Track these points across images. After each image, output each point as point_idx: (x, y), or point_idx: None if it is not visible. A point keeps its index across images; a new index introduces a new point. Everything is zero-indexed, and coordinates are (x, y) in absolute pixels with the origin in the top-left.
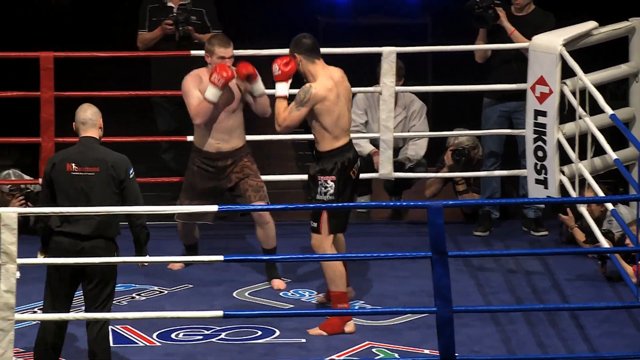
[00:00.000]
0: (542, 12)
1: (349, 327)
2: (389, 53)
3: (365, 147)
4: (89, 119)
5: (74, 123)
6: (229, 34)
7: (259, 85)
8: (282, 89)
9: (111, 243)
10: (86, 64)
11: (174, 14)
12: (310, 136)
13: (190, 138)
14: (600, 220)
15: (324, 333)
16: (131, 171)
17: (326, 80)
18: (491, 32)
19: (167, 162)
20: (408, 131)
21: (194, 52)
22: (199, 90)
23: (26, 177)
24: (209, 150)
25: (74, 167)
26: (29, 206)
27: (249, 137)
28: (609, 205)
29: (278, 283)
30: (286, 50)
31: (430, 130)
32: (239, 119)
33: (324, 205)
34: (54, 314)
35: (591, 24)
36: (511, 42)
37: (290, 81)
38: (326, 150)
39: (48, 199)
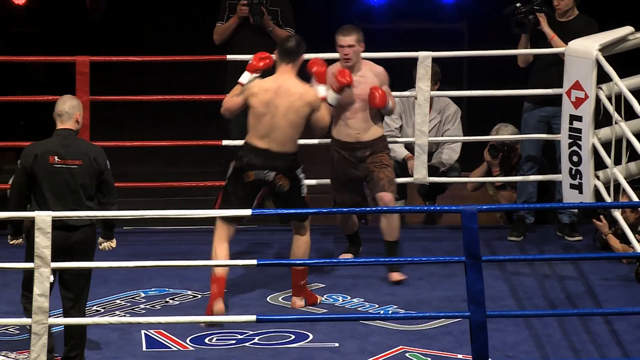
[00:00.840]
0: (585, 18)
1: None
2: (424, 58)
3: (399, 152)
4: (65, 112)
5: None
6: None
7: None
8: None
9: (94, 228)
10: (121, 69)
11: None
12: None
13: (225, 142)
14: (636, 226)
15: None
16: (108, 163)
17: (267, 81)
18: (533, 37)
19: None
20: (442, 135)
21: (230, 57)
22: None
23: None
24: (349, 140)
25: (56, 159)
26: None
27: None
28: None
29: (396, 275)
30: (323, 55)
31: (464, 135)
32: (374, 110)
33: (359, 209)
34: (88, 318)
35: (628, 29)
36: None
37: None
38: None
39: (24, 189)
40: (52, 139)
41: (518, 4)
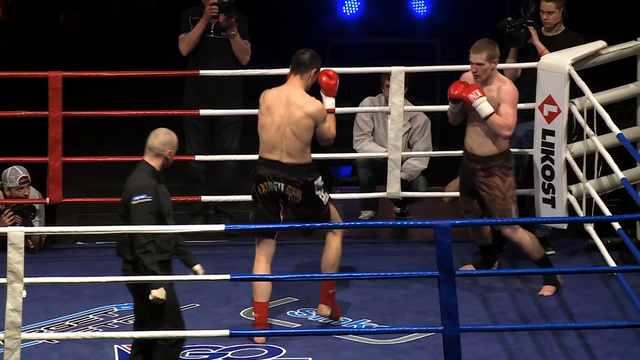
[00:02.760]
0: (572, 33)
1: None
2: (397, 72)
3: (378, 150)
4: (155, 147)
5: None
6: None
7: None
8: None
9: (128, 265)
10: (95, 84)
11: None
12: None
13: (199, 157)
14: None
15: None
16: (135, 198)
17: (274, 91)
18: (521, 51)
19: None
20: (410, 145)
21: (202, 72)
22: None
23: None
24: (467, 148)
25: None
26: (18, 222)
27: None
28: (616, 225)
29: (547, 289)
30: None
31: (434, 144)
32: (488, 128)
33: (332, 224)
34: (61, 333)
35: (600, 44)
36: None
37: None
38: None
39: None
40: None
41: (509, 18)
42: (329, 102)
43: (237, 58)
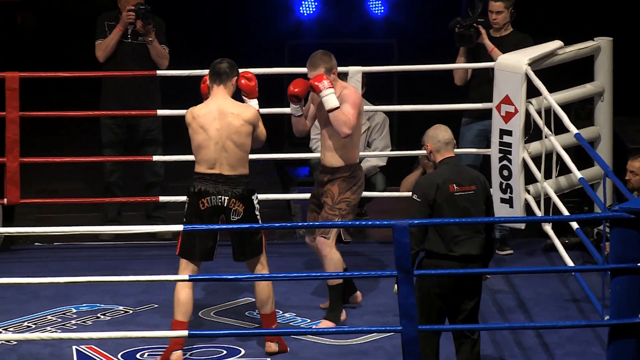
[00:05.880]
0: (520, 33)
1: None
2: (354, 72)
3: None
4: (451, 140)
5: (428, 144)
6: (197, 56)
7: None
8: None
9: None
10: (52, 85)
11: (134, 6)
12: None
13: (156, 158)
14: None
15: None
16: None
17: (201, 107)
18: (471, 52)
19: (112, 185)
20: (369, 143)
21: (159, 72)
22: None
23: None
24: (319, 160)
25: (455, 187)
26: None
27: None
28: (574, 224)
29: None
30: (258, 70)
31: (392, 143)
32: (335, 138)
33: (290, 224)
34: (19, 334)
35: (557, 44)
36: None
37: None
38: (195, 171)
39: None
40: (443, 169)
41: (459, 18)
42: (253, 104)
43: (156, 63)
